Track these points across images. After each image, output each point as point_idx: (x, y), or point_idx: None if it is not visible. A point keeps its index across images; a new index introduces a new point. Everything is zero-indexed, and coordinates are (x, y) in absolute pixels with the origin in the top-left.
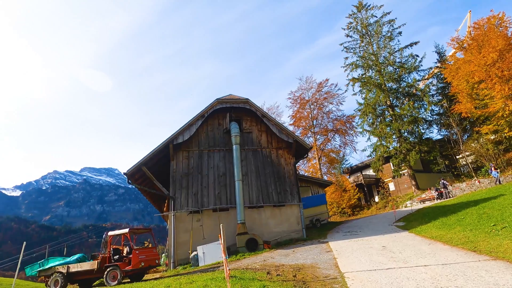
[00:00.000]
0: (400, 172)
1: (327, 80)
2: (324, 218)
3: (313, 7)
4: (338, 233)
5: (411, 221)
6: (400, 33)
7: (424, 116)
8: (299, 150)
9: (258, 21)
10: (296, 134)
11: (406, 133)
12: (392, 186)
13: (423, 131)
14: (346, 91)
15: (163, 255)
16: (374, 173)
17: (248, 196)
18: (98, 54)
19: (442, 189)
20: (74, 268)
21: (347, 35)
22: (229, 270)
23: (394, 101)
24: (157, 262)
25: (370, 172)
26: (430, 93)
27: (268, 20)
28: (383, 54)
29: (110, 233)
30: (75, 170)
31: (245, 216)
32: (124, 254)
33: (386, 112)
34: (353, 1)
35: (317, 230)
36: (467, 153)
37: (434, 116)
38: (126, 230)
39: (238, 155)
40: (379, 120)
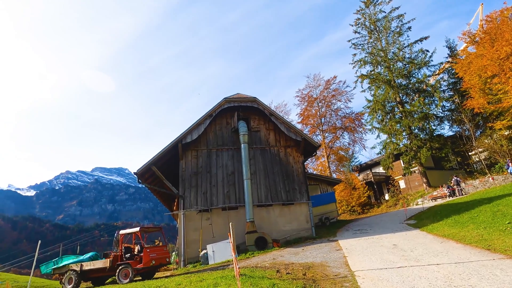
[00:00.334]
0: (411, 170)
1: (335, 78)
2: (334, 217)
3: (320, 4)
4: (348, 232)
5: (423, 219)
6: (410, 28)
7: (435, 112)
8: (308, 148)
9: (265, 19)
10: (304, 132)
11: (417, 130)
12: (403, 184)
13: (434, 128)
14: (355, 88)
15: (174, 254)
16: (384, 171)
17: (257, 195)
18: (105, 56)
19: (455, 186)
20: (87, 266)
21: (355, 32)
22: (239, 269)
23: (404, 98)
24: (168, 260)
25: (380, 170)
26: (441, 89)
27: (275, 18)
28: (392, 50)
29: (122, 232)
30: (87, 170)
31: (254, 215)
32: (135, 253)
33: (396, 109)
34: None
35: (327, 229)
36: (480, 150)
37: (446, 112)
38: (137, 229)
39: (247, 154)
40: (389, 117)
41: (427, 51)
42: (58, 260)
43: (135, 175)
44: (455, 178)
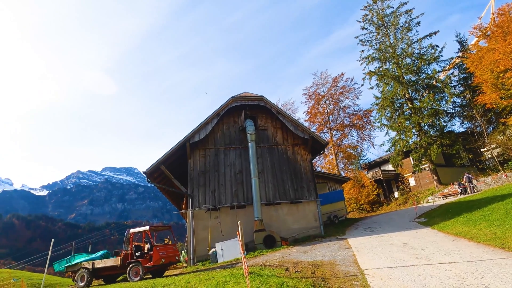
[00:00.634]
0: (421, 167)
1: (343, 75)
2: (342, 215)
3: (327, 0)
4: (357, 230)
5: (433, 217)
6: (419, 23)
7: (446, 109)
8: (315, 146)
9: (271, 17)
10: (312, 130)
11: (427, 127)
12: (413, 181)
13: (445, 124)
14: (363, 85)
15: (183, 252)
16: (393, 168)
17: (265, 193)
18: (113, 58)
19: (467, 184)
20: (99, 264)
21: (363, 28)
22: (248, 267)
23: (413, 94)
24: (177, 259)
25: (389, 167)
26: (452, 84)
27: (281, 16)
28: (401, 46)
29: (132, 231)
30: (97, 170)
31: (262, 213)
32: (145, 251)
33: (405, 105)
34: None
35: (335, 227)
36: (493, 146)
37: (456, 108)
38: (147, 228)
39: (254, 153)
40: (398, 114)
41: (437, 46)
42: (71, 258)
43: (144, 175)
44: (467, 175)
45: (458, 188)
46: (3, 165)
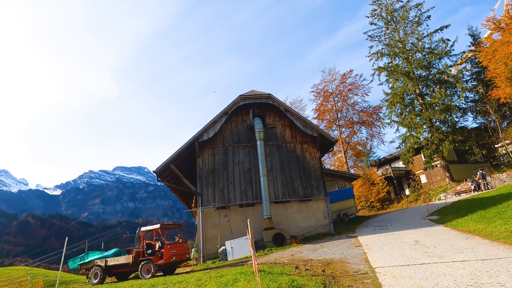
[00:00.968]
0: (433, 164)
1: (351, 71)
2: (352, 213)
3: None
4: (367, 228)
5: (446, 215)
6: (429, 17)
7: (458, 104)
8: (324, 144)
9: (278, 15)
10: (321, 128)
11: (438, 123)
12: (424, 179)
13: (457, 120)
14: (372, 81)
15: (193, 250)
16: (404, 165)
17: (274, 191)
18: (121, 59)
19: (480, 180)
20: (111, 262)
21: (371, 23)
22: (258, 265)
23: (424, 89)
24: (188, 257)
25: (400, 165)
26: (464, 79)
27: (288, 13)
28: (411, 41)
29: (143, 229)
30: (108, 170)
31: (271, 211)
32: (156, 249)
33: (416, 101)
34: None
35: (345, 225)
36: (507, 141)
37: (469, 103)
38: (158, 226)
39: (263, 151)
40: (408, 110)
41: (448, 40)
42: (84, 256)
43: (154, 174)
44: (481, 172)
45: (471, 185)
46: (18, 166)
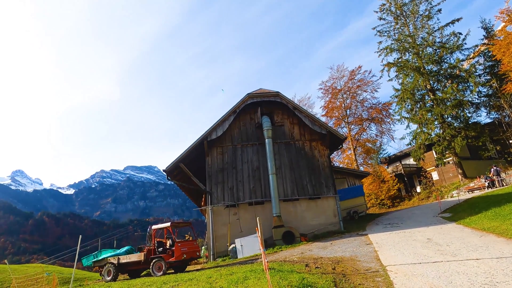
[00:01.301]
0: (444, 160)
1: (360, 67)
2: (362, 210)
3: None
4: (378, 225)
5: (459, 212)
6: (440, 11)
7: (470, 99)
8: (333, 141)
9: (286, 12)
10: (329, 125)
11: (450, 118)
12: (436, 175)
13: (470, 115)
14: (381, 77)
15: (203, 248)
16: (415, 162)
17: (283, 189)
18: (130, 61)
19: (494, 177)
20: (124, 260)
21: (380, 18)
22: (268, 262)
23: (435, 85)
24: (198, 254)
25: (410, 161)
26: (476, 73)
27: (296, 9)
28: (421, 35)
29: (154, 227)
30: (119, 169)
31: (281, 209)
32: (167, 247)
33: (426, 97)
34: None
35: (355, 223)
36: None
37: (482, 98)
38: (168, 224)
39: (271, 149)
40: (419, 106)
41: (460, 34)
42: (98, 254)
43: (164, 173)
44: (495, 168)
45: (485, 182)
46: (34, 166)
